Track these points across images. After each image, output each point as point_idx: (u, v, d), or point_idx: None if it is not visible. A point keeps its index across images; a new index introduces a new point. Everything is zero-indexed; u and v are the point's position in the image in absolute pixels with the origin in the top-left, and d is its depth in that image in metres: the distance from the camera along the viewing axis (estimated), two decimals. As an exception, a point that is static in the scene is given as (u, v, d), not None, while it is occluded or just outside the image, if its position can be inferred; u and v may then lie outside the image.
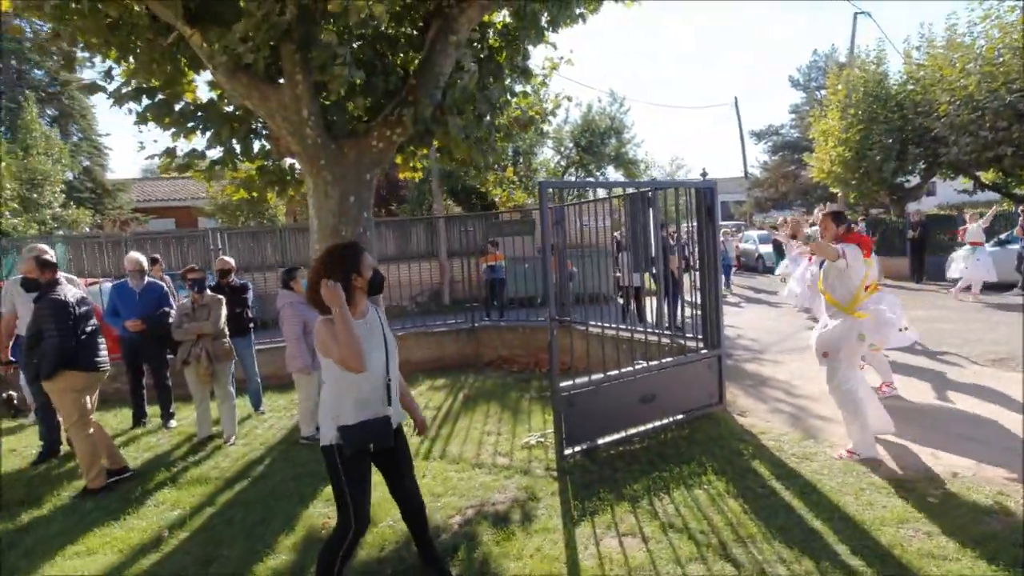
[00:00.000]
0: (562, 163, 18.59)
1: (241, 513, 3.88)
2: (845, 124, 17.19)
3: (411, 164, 7.49)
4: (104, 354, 4.45)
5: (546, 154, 18.83)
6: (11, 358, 5.14)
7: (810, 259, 8.45)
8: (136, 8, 5.02)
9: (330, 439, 2.60)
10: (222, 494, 4.23)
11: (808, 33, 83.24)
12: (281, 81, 5.23)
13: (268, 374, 7.09)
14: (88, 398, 4.36)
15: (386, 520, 3.55)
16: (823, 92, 24.46)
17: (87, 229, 16.62)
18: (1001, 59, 13.30)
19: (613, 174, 19.35)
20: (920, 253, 14.13)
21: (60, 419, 4.79)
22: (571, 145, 18.18)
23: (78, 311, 4.24)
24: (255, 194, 6.46)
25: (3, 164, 13.90)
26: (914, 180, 17.80)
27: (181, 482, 4.47)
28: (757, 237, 19.82)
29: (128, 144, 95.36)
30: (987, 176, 16.10)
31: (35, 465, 5.03)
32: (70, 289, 4.32)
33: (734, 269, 16.36)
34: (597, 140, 17.71)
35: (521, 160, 16.94)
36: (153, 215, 23.54)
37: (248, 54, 4.65)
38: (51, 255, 4.32)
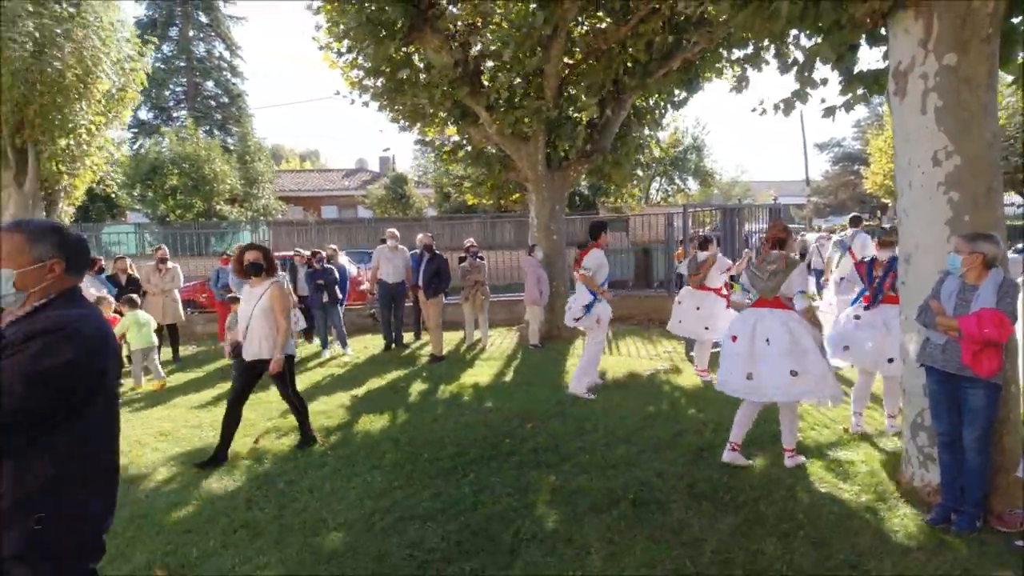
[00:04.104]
0: (649, 172, 21.98)
1: (533, 370, 7.62)
2: (898, 143, 19.86)
3: (569, 181, 11.21)
4: (439, 289, 8.38)
5: (637, 164, 22.37)
6: (372, 293, 9.10)
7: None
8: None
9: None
10: (509, 366, 8.01)
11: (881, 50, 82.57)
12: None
13: (501, 319, 10.92)
14: (437, 310, 8.30)
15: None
16: (883, 109, 26.76)
17: (280, 216, 21.36)
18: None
19: (692, 183, 22.75)
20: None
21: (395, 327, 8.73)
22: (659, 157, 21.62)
23: None
24: (486, 199, 10.35)
25: (221, 166, 18.53)
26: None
27: (483, 358, 8.31)
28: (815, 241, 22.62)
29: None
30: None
31: (384, 351, 8.99)
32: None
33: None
34: (681, 155, 21.05)
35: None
36: (291, 203, 28.48)
37: (520, 126, 8.46)
38: (431, 235, 8.28)
